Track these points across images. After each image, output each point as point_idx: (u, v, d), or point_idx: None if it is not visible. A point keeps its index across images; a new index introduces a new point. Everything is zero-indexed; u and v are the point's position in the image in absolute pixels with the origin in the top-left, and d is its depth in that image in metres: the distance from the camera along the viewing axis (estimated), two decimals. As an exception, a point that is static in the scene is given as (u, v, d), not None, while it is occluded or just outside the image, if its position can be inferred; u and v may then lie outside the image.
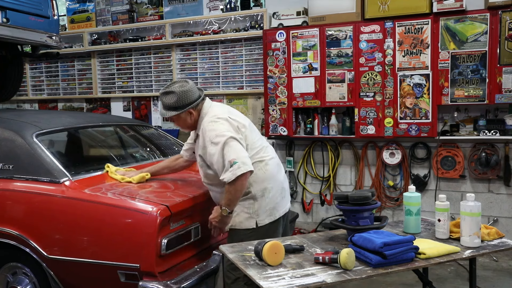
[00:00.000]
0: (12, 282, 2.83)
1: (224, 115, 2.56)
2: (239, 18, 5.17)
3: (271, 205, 2.60)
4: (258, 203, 2.56)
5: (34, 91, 6.61)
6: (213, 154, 2.45)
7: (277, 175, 2.69)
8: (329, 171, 4.88)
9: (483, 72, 4.04)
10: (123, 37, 5.87)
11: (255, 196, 2.56)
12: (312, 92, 4.63)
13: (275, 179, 2.66)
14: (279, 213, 2.66)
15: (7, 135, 2.91)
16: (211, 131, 2.49)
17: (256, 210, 2.56)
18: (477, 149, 4.27)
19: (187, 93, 2.57)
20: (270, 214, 2.60)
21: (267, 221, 2.59)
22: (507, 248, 2.19)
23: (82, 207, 2.58)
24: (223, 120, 2.53)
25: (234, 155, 2.38)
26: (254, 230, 2.56)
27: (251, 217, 2.56)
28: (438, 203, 2.29)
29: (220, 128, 2.49)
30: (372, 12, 4.34)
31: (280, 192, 2.68)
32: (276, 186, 2.65)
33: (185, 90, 2.57)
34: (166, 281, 2.40)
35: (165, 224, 2.45)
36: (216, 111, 2.61)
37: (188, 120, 2.64)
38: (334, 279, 1.82)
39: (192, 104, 2.58)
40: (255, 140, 2.64)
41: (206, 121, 2.56)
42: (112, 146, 3.91)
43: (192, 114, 2.61)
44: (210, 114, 2.59)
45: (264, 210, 2.58)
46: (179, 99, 2.56)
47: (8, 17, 3.94)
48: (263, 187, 2.57)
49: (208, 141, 2.48)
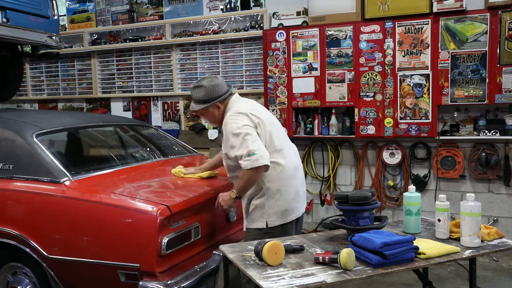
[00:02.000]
0: (12, 282, 2.82)
1: (245, 111, 2.62)
2: (239, 18, 5.17)
3: (283, 208, 2.62)
4: (269, 203, 2.60)
5: (34, 91, 6.61)
6: (233, 146, 2.51)
7: (293, 178, 2.70)
8: (329, 171, 4.88)
9: (483, 72, 4.04)
10: (123, 37, 5.87)
11: (267, 195, 2.60)
12: (312, 92, 4.63)
13: (290, 183, 2.67)
14: (291, 216, 2.67)
15: (7, 135, 2.91)
16: (232, 124, 2.56)
17: (266, 210, 2.60)
18: (477, 149, 4.27)
19: (216, 87, 2.66)
20: (281, 216, 2.62)
21: (277, 223, 2.61)
22: (507, 248, 2.19)
23: (82, 207, 2.58)
24: (243, 115, 2.59)
25: (253, 146, 2.44)
26: (265, 230, 2.59)
27: (262, 217, 2.61)
28: (438, 203, 2.29)
29: (240, 122, 2.55)
30: (372, 12, 4.34)
31: (294, 196, 2.69)
32: (290, 190, 2.66)
33: (214, 84, 2.66)
34: (166, 281, 2.40)
35: (165, 224, 2.45)
36: (239, 106, 2.68)
37: (215, 114, 2.72)
38: (334, 279, 1.82)
39: (219, 98, 2.67)
40: (276, 139, 2.65)
41: (229, 115, 2.64)
42: (112, 146, 3.91)
43: (219, 108, 2.70)
44: (233, 109, 2.66)
45: (275, 212, 2.60)
46: (208, 93, 2.65)
47: (8, 17, 3.94)
48: (276, 188, 2.60)
49: (229, 133, 2.55)
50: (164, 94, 5.67)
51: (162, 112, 5.75)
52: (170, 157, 3.65)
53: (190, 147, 4.07)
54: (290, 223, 2.66)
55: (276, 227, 2.60)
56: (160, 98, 5.74)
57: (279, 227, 2.61)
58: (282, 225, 2.62)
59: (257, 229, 2.61)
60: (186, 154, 3.84)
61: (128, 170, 3.16)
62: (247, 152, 2.43)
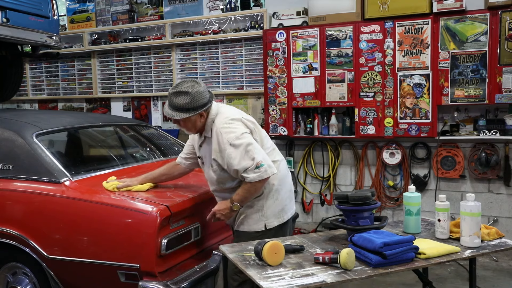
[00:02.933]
0: (12, 282, 2.83)
1: (237, 116, 2.51)
2: (239, 18, 5.17)
3: (280, 207, 2.58)
4: (267, 204, 2.54)
5: (34, 91, 6.61)
6: (233, 157, 2.37)
7: (286, 177, 2.69)
8: (329, 171, 4.88)
9: (483, 72, 4.04)
10: (123, 37, 5.87)
11: (266, 196, 2.54)
12: (312, 92, 4.62)
13: (285, 181, 2.65)
14: (287, 215, 2.64)
15: (7, 135, 2.91)
16: (229, 133, 2.41)
17: (265, 212, 2.54)
18: (477, 149, 4.27)
19: (201, 94, 2.43)
20: (278, 216, 2.58)
21: (275, 223, 2.56)
22: (507, 248, 2.19)
23: (82, 207, 2.58)
24: (238, 122, 2.47)
25: (260, 157, 2.36)
26: (263, 232, 2.52)
27: (260, 219, 2.54)
28: (438, 203, 2.29)
29: (238, 130, 2.42)
30: (372, 12, 4.34)
31: (289, 195, 2.67)
32: (285, 188, 2.64)
33: (199, 91, 2.43)
34: (166, 281, 2.40)
35: (165, 224, 2.45)
36: (227, 112, 2.53)
37: (197, 123, 2.50)
38: (334, 279, 1.82)
39: (205, 107, 2.45)
40: (266, 139, 2.64)
41: (220, 122, 2.46)
42: (112, 146, 3.91)
43: (202, 116, 2.48)
44: (222, 116, 2.49)
45: (273, 212, 2.56)
46: (193, 101, 2.41)
47: (8, 17, 3.94)
48: (274, 188, 2.56)
49: (226, 143, 2.40)
50: (164, 94, 5.67)
51: (162, 112, 5.75)
52: (170, 157, 3.65)
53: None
54: (286, 222, 2.63)
55: (274, 228, 2.56)
56: (160, 98, 5.74)
57: (276, 227, 2.57)
58: (280, 225, 2.59)
59: (255, 232, 2.53)
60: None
61: (128, 170, 3.15)
62: (255, 164, 2.33)
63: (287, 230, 2.67)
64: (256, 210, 2.54)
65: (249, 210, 2.54)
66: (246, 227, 2.56)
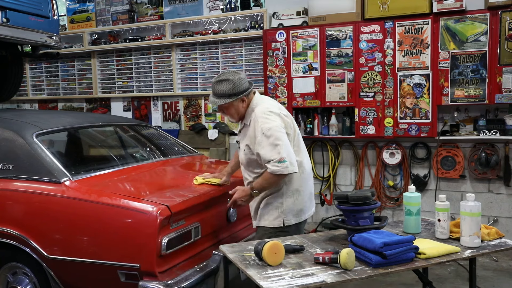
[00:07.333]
0: (12, 282, 2.83)
1: (276, 110, 2.62)
2: (239, 18, 5.17)
3: (299, 207, 2.68)
4: (287, 203, 2.64)
5: (34, 91, 6.60)
6: (262, 146, 2.51)
7: (309, 180, 2.77)
8: (329, 171, 4.88)
9: (483, 72, 4.04)
10: (123, 37, 5.87)
11: (286, 194, 2.63)
12: (312, 92, 4.63)
13: (307, 183, 2.74)
14: (305, 216, 2.74)
15: (7, 135, 2.91)
16: (265, 123, 2.54)
17: (284, 209, 2.63)
18: (477, 149, 4.27)
19: (241, 80, 2.61)
20: (297, 216, 2.68)
21: (293, 222, 2.66)
22: (507, 248, 2.19)
23: (82, 207, 2.58)
24: (276, 115, 2.59)
25: (285, 153, 2.46)
26: (281, 229, 2.63)
27: (279, 216, 2.64)
28: (438, 203, 2.29)
29: (273, 123, 2.54)
30: (372, 12, 4.34)
31: (309, 197, 2.77)
32: (306, 190, 2.73)
33: (239, 78, 2.61)
34: (166, 281, 2.40)
35: (165, 224, 2.45)
36: (268, 104, 2.67)
37: (240, 108, 2.65)
38: (334, 279, 1.82)
39: (246, 91, 2.62)
40: (297, 139, 2.72)
41: (259, 111, 2.60)
42: (112, 146, 3.91)
43: (244, 101, 2.65)
44: (263, 106, 2.63)
45: (292, 211, 2.65)
46: (235, 86, 2.59)
47: (8, 17, 3.94)
48: (295, 188, 2.65)
49: (260, 131, 2.53)
50: (164, 94, 5.67)
51: (162, 112, 5.75)
52: (170, 157, 3.65)
53: (190, 147, 4.07)
54: (303, 222, 2.73)
55: (291, 226, 2.65)
56: (160, 98, 5.74)
57: (294, 226, 2.66)
58: (296, 224, 2.68)
59: (273, 228, 2.64)
60: (186, 154, 3.84)
61: (128, 170, 3.16)
62: (279, 159, 2.45)
63: (302, 229, 2.78)
64: (276, 207, 2.65)
65: (270, 207, 2.65)
66: (266, 222, 2.67)
